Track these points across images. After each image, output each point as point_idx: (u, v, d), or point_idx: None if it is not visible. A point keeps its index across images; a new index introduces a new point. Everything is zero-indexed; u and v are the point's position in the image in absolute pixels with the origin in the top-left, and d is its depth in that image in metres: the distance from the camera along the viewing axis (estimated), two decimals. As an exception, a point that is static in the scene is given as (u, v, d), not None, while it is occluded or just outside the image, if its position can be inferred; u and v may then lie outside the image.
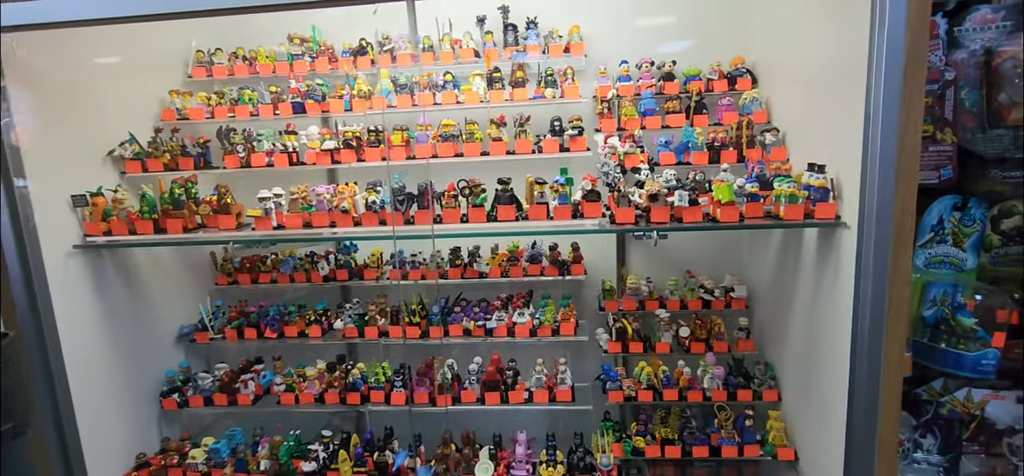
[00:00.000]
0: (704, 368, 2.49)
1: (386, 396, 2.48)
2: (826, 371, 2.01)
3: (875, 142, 1.56)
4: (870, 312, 1.69)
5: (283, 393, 2.51)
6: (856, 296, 1.71)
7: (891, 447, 1.81)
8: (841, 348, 1.80)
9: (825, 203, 1.82)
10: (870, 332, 1.69)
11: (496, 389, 2.41)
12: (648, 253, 2.92)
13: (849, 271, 1.76)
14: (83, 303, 2.18)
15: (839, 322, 1.83)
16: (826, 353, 2.00)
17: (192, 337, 2.70)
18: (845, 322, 1.77)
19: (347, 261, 2.80)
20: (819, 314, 2.03)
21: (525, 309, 2.59)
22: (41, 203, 1.96)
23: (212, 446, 2.35)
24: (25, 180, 1.90)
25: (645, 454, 2.36)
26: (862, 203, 1.65)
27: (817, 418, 2.13)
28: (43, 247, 1.98)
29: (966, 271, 2.23)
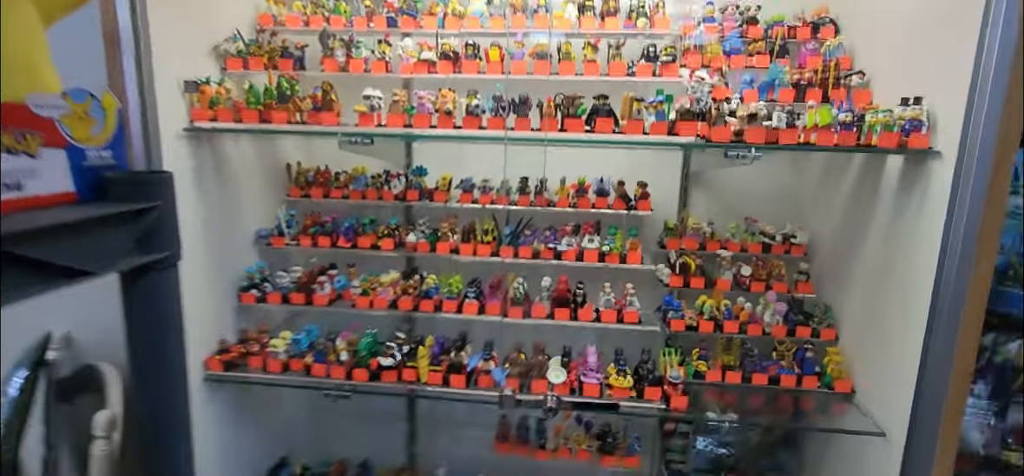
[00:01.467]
0: (764, 304, 2.59)
1: (458, 306, 2.57)
2: (894, 308, 2.10)
3: (988, 70, 1.63)
4: (962, 242, 1.77)
5: (359, 296, 2.60)
6: (947, 226, 1.80)
7: (965, 381, 1.90)
8: (917, 283, 1.89)
9: (919, 133, 1.90)
10: (960, 262, 1.77)
11: (566, 306, 2.50)
12: (710, 198, 3.01)
13: (938, 203, 1.85)
14: (184, 186, 2.26)
15: (919, 256, 1.92)
16: (896, 290, 2.09)
17: (268, 240, 2.79)
18: (925, 255, 1.86)
19: (417, 183, 2.88)
20: (893, 252, 2.12)
21: (594, 236, 2.68)
22: (155, 86, 2.03)
23: (293, 337, 2.45)
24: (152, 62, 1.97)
25: (706, 378, 2.46)
26: (964, 132, 1.73)
27: (877, 355, 2.23)
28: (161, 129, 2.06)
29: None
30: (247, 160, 2.73)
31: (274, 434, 3.01)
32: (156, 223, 1.36)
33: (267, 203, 2.87)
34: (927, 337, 1.90)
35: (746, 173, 2.90)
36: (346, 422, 3.21)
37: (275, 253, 2.84)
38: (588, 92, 2.20)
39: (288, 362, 2.45)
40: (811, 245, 2.77)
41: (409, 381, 2.39)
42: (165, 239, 1.40)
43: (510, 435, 2.87)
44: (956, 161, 1.76)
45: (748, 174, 2.91)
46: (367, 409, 3.19)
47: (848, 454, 2.37)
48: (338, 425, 3.21)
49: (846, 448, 2.37)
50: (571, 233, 2.72)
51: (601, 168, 2.78)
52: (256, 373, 2.46)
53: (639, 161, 2.92)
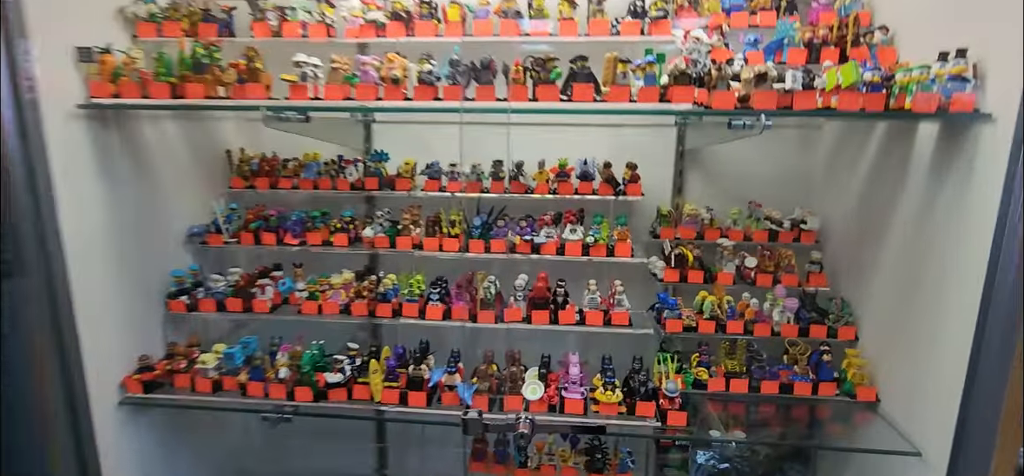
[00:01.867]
0: (773, 300, 2.25)
1: (420, 310, 2.22)
2: (929, 303, 1.77)
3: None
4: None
5: (305, 301, 2.25)
6: (1004, 204, 1.46)
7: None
8: (963, 273, 1.56)
9: (963, 93, 1.56)
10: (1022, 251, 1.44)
11: (545, 307, 2.16)
12: (709, 181, 2.67)
13: (989, 176, 1.51)
14: (84, 178, 1.90)
15: (966, 241, 1.59)
16: (931, 282, 1.76)
17: (203, 238, 2.43)
18: (974, 240, 1.53)
19: (377, 169, 2.52)
20: (928, 237, 1.79)
21: (577, 226, 2.33)
22: (40, 59, 1.66)
23: (226, 351, 2.09)
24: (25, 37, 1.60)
25: (708, 387, 2.13)
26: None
27: (908, 358, 1.91)
28: (42, 107, 1.69)
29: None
30: (173, 146, 2.36)
31: (218, 463, 2.65)
32: None
33: (202, 197, 2.50)
34: (978, 336, 1.56)
35: (749, 152, 2.57)
36: (305, 443, 2.86)
37: (212, 254, 2.48)
38: (564, 55, 1.84)
39: (220, 380, 2.10)
40: (824, 231, 2.44)
41: (361, 400, 2.04)
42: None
43: (487, 453, 2.53)
44: (1016, 125, 1.42)
45: (751, 153, 2.57)
46: (328, 427, 2.84)
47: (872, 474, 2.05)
48: (295, 446, 2.86)
49: (870, 467, 2.04)
50: (551, 223, 2.37)
51: (585, 148, 2.43)
52: (184, 393, 2.10)
53: (627, 139, 2.57)
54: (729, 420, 2.06)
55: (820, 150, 2.55)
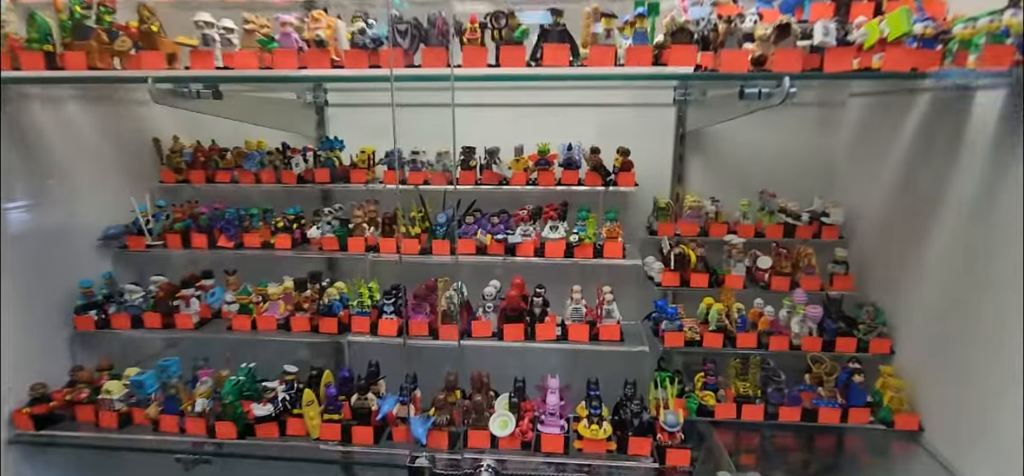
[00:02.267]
0: (791, 307, 1.89)
1: (372, 325, 1.87)
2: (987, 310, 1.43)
3: None
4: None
5: (235, 315, 1.90)
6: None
7: None
8: None
9: (1046, 46, 1.20)
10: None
11: (519, 320, 1.80)
12: (713, 168, 2.31)
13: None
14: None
15: None
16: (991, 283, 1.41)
17: (122, 241, 2.08)
18: None
19: (329, 159, 2.17)
20: (987, 230, 1.43)
21: (559, 222, 1.97)
22: None
23: (134, 379, 1.74)
24: None
25: (715, 414, 1.77)
26: None
27: (959, 375, 1.57)
28: None
29: None
30: (82, 133, 2.01)
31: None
32: None
33: (127, 192, 2.13)
34: None
35: (761, 133, 2.23)
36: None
37: (133, 260, 2.12)
38: (534, 6, 1.48)
39: (128, 412, 1.75)
40: (849, 225, 2.10)
41: (296, 436, 1.69)
42: None
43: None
44: None
45: (763, 134, 2.23)
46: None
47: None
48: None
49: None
50: (528, 219, 2.01)
51: (569, 132, 2.08)
52: (88, 428, 1.75)
53: (618, 120, 2.22)
54: (742, 454, 1.71)
55: (844, 129, 2.19)
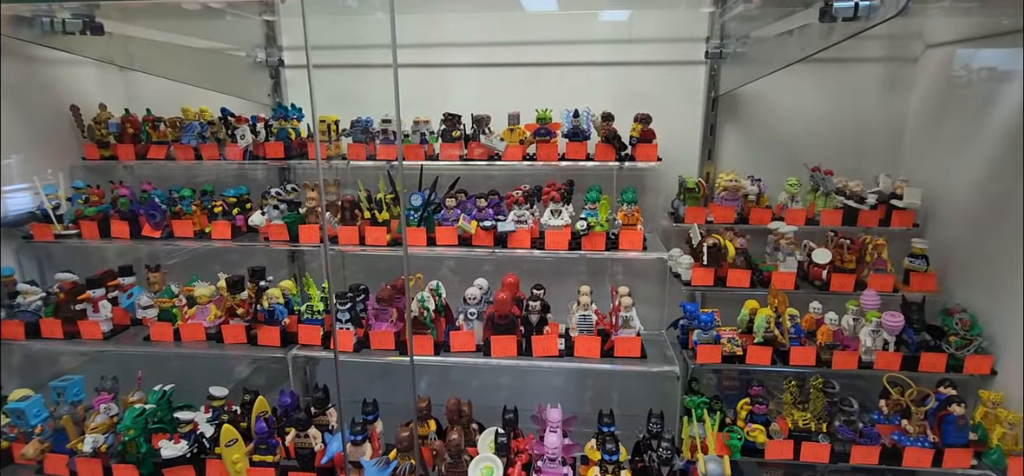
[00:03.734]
0: (859, 314, 1.48)
1: (324, 335, 1.47)
2: None
3: None
4: None
5: (154, 323, 1.50)
6: None
7: None
8: None
9: None
10: None
11: (511, 331, 1.39)
12: (751, 140, 1.92)
13: None
14: None
15: None
16: None
17: (26, 231, 1.69)
18: None
19: (283, 130, 1.77)
20: None
21: (562, 206, 1.56)
22: None
23: (11, 406, 1.35)
24: None
25: (766, 454, 1.36)
26: None
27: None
28: None
29: None
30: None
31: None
32: None
33: (33, 169, 1.74)
34: None
35: (810, 98, 1.82)
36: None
37: (41, 251, 1.73)
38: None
39: (8, 448, 1.36)
40: (928, 210, 1.68)
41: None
42: None
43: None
44: None
45: (814, 99, 1.82)
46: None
47: None
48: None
49: None
50: (524, 202, 1.60)
51: (576, 95, 1.70)
52: (-42, 469, 1.38)
53: (637, 81, 1.80)
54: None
55: (918, 89, 1.76)
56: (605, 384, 1.44)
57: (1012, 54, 1.42)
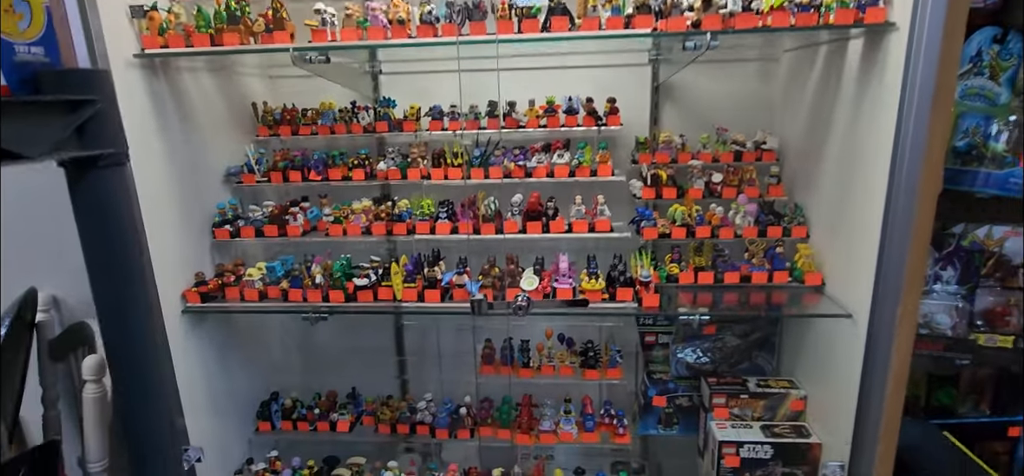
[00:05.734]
0: (736, 208, 2.60)
1: (431, 227, 2.58)
2: (857, 197, 2.12)
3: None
4: (915, 114, 1.77)
5: (331, 225, 2.61)
6: (902, 101, 1.79)
7: (920, 258, 1.90)
8: (877, 166, 1.92)
9: (875, 7, 1.88)
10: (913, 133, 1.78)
11: (538, 219, 2.51)
12: (682, 112, 2.99)
13: (893, 79, 1.84)
14: (143, 119, 2.25)
15: (877, 140, 1.93)
16: (859, 179, 2.10)
17: (239, 178, 2.79)
18: (883, 137, 1.87)
19: (386, 114, 2.86)
20: (856, 141, 2.13)
21: (565, 151, 2.67)
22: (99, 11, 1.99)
23: (267, 265, 2.47)
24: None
25: (679, 280, 2.49)
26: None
27: (844, 245, 2.26)
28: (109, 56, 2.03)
29: (1000, 105, 2.31)
30: (209, 96, 2.70)
31: (263, 370, 3.07)
32: (97, 119, 1.35)
33: (235, 143, 2.85)
34: (886, 216, 1.92)
35: (717, 84, 2.89)
36: (336, 356, 3.27)
37: (246, 191, 2.84)
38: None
39: (265, 290, 2.48)
40: (781, 150, 2.77)
41: (385, 300, 2.42)
42: (108, 136, 1.39)
43: (495, 358, 2.93)
44: (909, 30, 1.74)
45: (718, 85, 2.90)
46: (356, 345, 3.25)
47: (820, 340, 2.43)
48: (328, 360, 3.26)
49: (818, 335, 2.42)
50: (541, 151, 2.71)
51: (569, 88, 2.76)
52: (235, 304, 2.48)
53: (607, 78, 2.89)
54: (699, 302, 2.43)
55: (778, 78, 2.87)
56: (591, 247, 2.57)
57: (813, 55, 2.52)
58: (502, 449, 2.79)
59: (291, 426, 2.90)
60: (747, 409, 2.65)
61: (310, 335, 3.28)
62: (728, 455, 2.52)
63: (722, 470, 2.54)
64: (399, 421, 2.84)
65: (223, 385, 2.75)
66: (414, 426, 2.84)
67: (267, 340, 3.15)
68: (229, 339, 2.78)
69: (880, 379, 1.98)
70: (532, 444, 2.77)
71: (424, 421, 2.82)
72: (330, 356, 3.28)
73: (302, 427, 2.90)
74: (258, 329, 3.04)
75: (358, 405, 2.96)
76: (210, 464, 2.58)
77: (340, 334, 3.28)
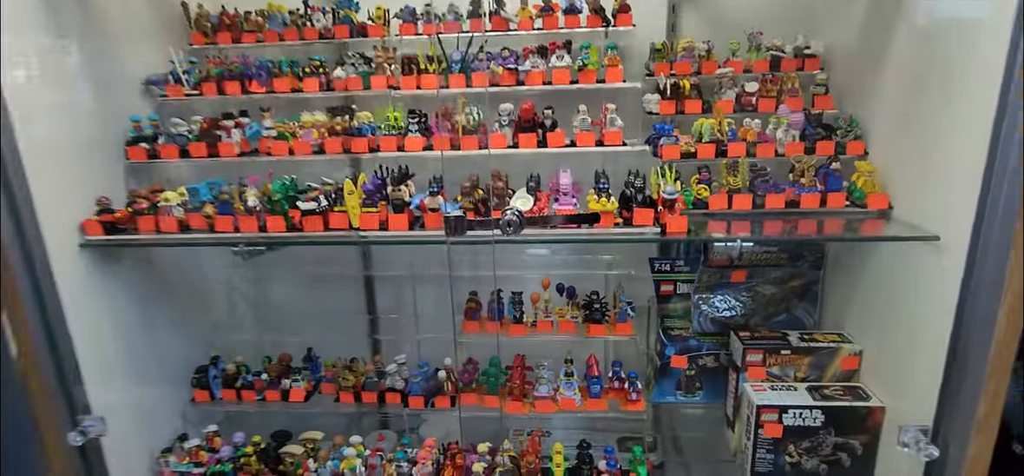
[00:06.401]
0: (777, 121, 2.10)
1: (399, 144, 2.07)
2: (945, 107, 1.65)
3: None
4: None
5: (275, 142, 2.09)
6: None
7: None
8: (977, 68, 1.47)
9: None
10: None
11: (532, 130, 2.01)
12: (703, 16, 2.49)
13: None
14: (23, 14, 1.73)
15: (977, 43, 1.46)
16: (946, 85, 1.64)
17: (162, 91, 2.26)
18: (986, 41, 1.40)
19: (347, 17, 2.33)
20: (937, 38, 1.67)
21: (564, 53, 2.16)
22: None
23: (190, 187, 1.94)
24: None
25: (709, 205, 1.99)
26: None
27: (923, 163, 1.78)
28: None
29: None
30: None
31: (202, 329, 2.55)
32: None
33: (161, 52, 2.31)
34: (999, 116, 1.42)
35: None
36: (294, 313, 2.76)
37: (172, 107, 2.30)
38: None
39: (186, 219, 1.96)
40: (827, 56, 2.28)
41: (338, 229, 1.91)
42: None
43: (480, 313, 2.43)
44: None
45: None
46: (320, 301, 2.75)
47: (883, 281, 1.95)
48: (285, 317, 2.76)
49: (881, 275, 1.94)
50: (536, 54, 2.20)
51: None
52: (148, 236, 1.96)
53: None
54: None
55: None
56: (599, 163, 2.07)
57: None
58: (489, 420, 2.30)
59: (235, 396, 2.40)
60: (789, 367, 2.17)
61: (262, 289, 2.77)
62: (768, 423, 2.04)
63: (759, 441, 2.07)
64: (365, 388, 2.34)
65: (146, 345, 2.24)
66: (383, 394, 2.34)
67: (206, 291, 2.62)
68: (154, 287, 2.27)
69: (985, 319, 1.50)
70: (526, 413, 2.28)
71: (395, 388, 2.32)
72: (287, 312, 2.77)
73: (248, 397, 2.39)
74: (195, 277, 2.52)
75: (316, 370, 2.46)
76: (129, 440, 2.08)
77: (299, 287, 2.77)
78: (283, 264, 2.66)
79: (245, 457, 2.21)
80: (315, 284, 2.78)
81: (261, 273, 2.67)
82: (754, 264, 2.30)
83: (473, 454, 2.21)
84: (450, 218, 1.66)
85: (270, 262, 2.35)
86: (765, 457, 2.08)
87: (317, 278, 2.77)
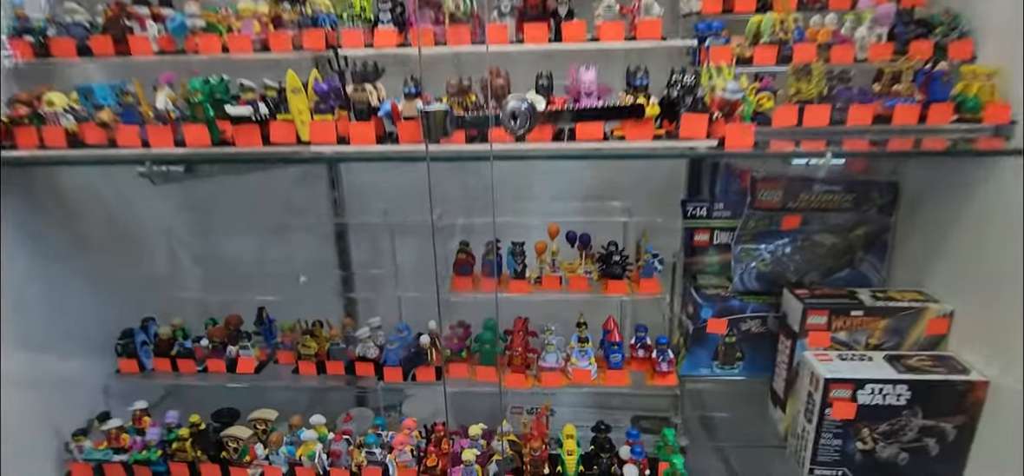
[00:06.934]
0: (857, 17, 1.62)
1: (367, 42, 1.57)
2: None
3: None
4: None
5: (204, 35, 1.58)
6: None
7: None
8: None
9: None
10: None
11: (542, 20, 1.51)
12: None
13: None
14: None
15: None
16: None
17: (62, -23, 1.73)
18: None
19: None
20: None
21: (584, -74, 1.65)
22: None
23: (82, 86, 1.44)
24: None
25: (773, 121, 1.52)
26: None
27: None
28: None
29: None
30: None
31: (135, 287, 2.07)
32: None
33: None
34: None
35: None
36: (251, 268, 2.29)
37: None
38: None
39: (78, 130, 1.46)
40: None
41: (283, 144, 1.42)
42: None
43: (472, 268, 1.96)
44: None
45: None
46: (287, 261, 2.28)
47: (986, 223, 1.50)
48: (242, 273, 2.28)
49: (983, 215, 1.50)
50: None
51: None
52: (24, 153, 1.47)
53: None
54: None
55: None
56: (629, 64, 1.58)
57: None
58: (484, 396, 1.86)
59: (170, 365, 1.94)
60: (860, 332, 1.74)
61: (212, 238, 2.29)
62: (838, 401, 1.61)
63: (825, 424, 1.64)
64: (330, 357, 1.89)
65: (54, 301, 1.77)
66: (352, 364, 1.89)
67: (138, 235, 2.13)
68: (64, 228, 1.78)
69: None
70: (529, 388, 1.84)
71: (366, 356, 1.87)
72: (243, 268, 2.29)
73: (186, 367, 1.94)
74: (123, 216, 2.03)
75: (271, 335, 2.00)
76: (28, 421, 1.63)
77: (259, 236, 2.30)
78: (239, 206, 2.18)
79: (178, 441, 1.76)
80: (279, 233, 2.32)
81: (209, 217, 2.20)
82: (810, 207, 1.85)
83: (463, 438, 1.77)
84: (428, 113, 1.18)
85: (219, 203, 1.86)
86: (830, 444, 1.66)
87: (281, 227, 2.31)
